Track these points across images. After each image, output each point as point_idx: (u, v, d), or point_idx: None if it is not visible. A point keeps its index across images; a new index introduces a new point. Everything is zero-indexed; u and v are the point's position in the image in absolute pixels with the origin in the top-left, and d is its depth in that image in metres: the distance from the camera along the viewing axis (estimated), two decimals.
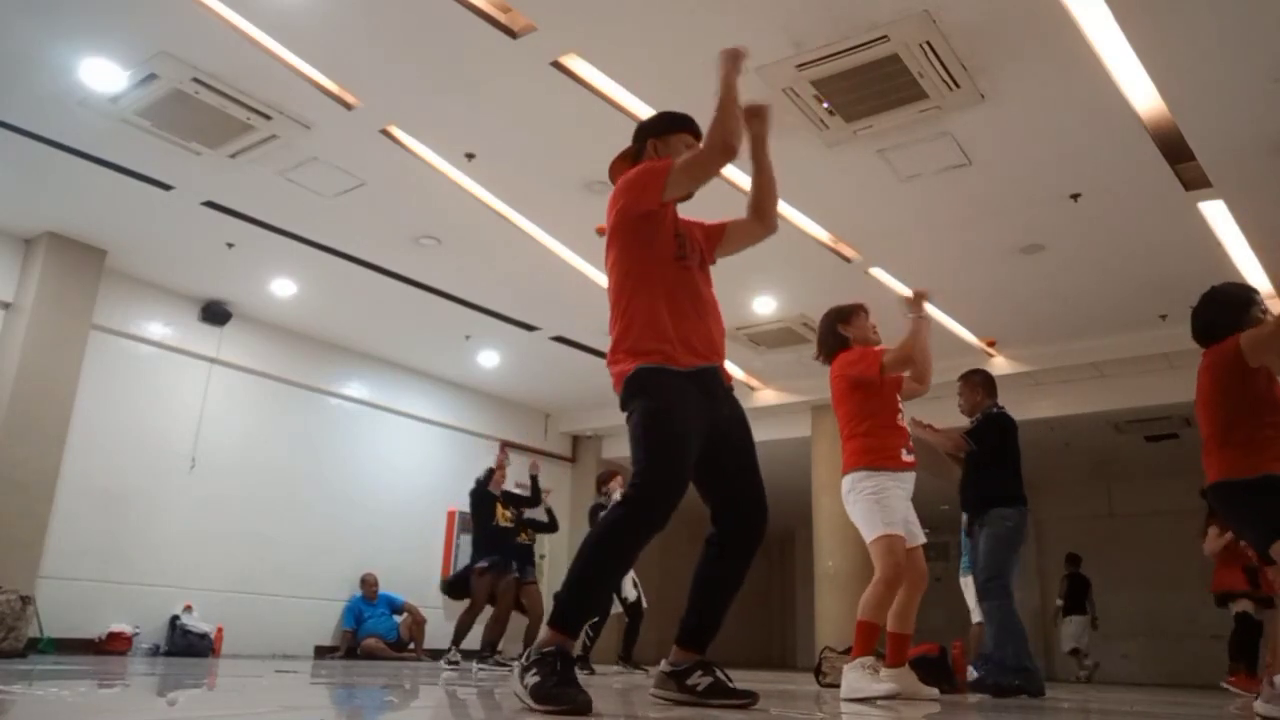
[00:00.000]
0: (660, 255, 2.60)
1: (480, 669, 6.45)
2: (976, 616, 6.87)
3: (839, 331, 3.97)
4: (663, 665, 2.63)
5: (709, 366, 2.56)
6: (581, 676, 2.53)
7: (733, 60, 2.63)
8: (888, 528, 3.65)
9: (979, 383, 5.40)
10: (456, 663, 6.55)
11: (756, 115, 2.76)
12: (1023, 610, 7.28)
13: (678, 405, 2.44)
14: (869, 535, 3.71)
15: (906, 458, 3.78)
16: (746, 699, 2.54)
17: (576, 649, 2.67)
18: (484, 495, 7.07)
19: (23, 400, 6.58)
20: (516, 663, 2.32)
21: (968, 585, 6.95)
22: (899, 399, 3.92)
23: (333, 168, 5.85)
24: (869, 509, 3.69)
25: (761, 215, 2.80)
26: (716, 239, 2.83)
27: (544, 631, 2.31)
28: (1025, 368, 8.39)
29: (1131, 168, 5.36)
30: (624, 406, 2.54)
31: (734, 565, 2.62)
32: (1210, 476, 3.22)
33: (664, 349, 2.49)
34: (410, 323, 8.57)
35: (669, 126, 2.83)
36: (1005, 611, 4.92)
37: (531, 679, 2.21)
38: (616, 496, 6.77)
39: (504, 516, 7.02)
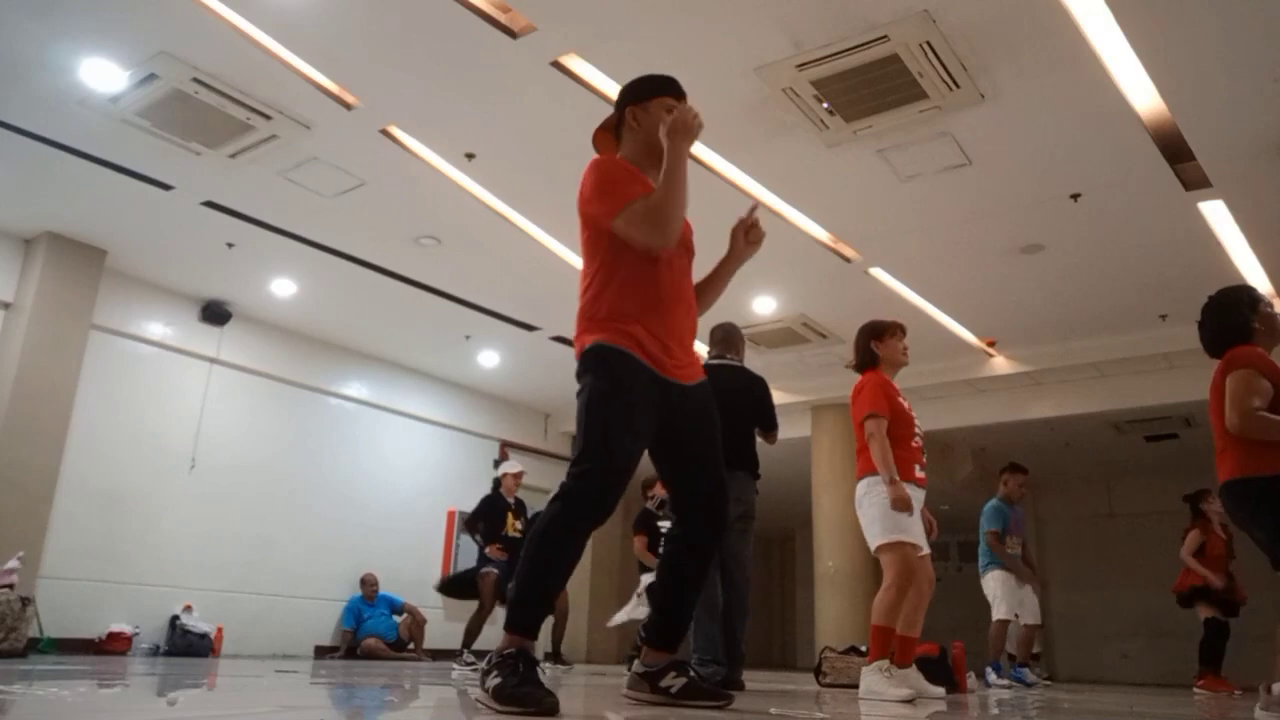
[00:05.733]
0: (634, 252, 2.47)
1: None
2: (997, 614, 6.84)
3: (871, 348, 4.06)
4: (635, 666, 2.60)
5: (669, 366, 2.44)
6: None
7: (684, 134, 2.42)
8: (899, 534, 3.70)
9: (716, 339, 5.09)
10: (473, 663, 6.56)
11: (750, 237, 2.68)
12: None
13: (627, 390, 2.35)
14: (877, 539, 3.75)
15: (919, 474, 3.87)
16: (722, 700, 2.50)
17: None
18: (497, 502, 7.08)
19: (23, 400, 6.59)
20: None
21: (987, 582, 6.91)
22: (915, 419, 4.00)
23: (333, 168, 5.85)
24: (882, 514, 3.72)
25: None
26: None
27: (502, 636, 2.28)
28: (1025, 368, 8.39)
29: (1131, 168, 5.36)
30: (579, 379, 2.46)
31: (696, 564, 2.56)
32: (1222, 475, 3.12)
33: (629, 330, 2.40)
34: (410, 323, 8.57)
35: (649, 91, 2.67)
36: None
37: (493, 681, 2.17)
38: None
39: (513, 526, 7.02)
